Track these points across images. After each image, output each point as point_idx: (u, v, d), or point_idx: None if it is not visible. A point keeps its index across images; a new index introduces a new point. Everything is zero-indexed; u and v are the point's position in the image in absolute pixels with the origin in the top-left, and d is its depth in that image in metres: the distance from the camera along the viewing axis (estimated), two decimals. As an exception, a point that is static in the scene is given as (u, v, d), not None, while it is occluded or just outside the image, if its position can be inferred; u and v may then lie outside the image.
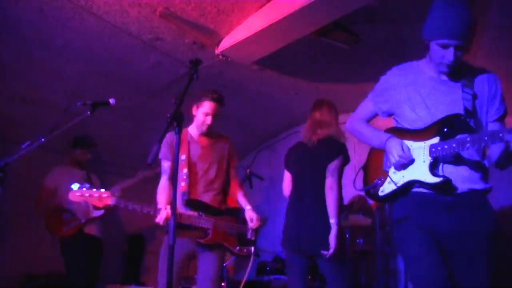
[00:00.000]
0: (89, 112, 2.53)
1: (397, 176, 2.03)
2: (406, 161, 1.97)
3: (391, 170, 2.06)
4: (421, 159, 1.96)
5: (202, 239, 2.86)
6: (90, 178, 4.33)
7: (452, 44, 1.86)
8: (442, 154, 1.89)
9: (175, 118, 2.08)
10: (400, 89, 2.10)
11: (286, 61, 4.00)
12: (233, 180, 3.20)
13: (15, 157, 2.37)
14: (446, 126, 1.92)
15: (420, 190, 1.97)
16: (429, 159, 1.94)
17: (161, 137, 2.04)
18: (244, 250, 3.03)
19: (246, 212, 3.07)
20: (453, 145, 1.85)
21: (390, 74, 2.17)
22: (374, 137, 2.18)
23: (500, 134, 1.72)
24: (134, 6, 3.23)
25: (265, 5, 3.30)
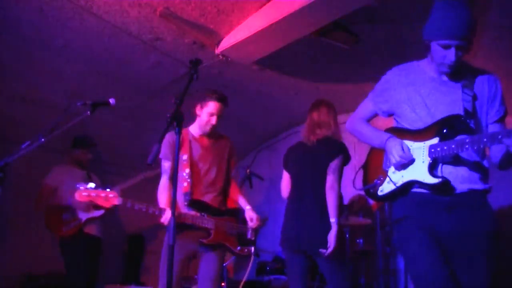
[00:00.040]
0: (89, 112, 2.53)
1: (396, 176, 2.03)
2: (406, 161, 1.97)
3: (391, 170, 2.06)
4: (420, 160, 1.96)
5: (205, 239, 2.87)
6: (91, 178, 4.33)
7: (453, 44, 1.86)
8: (441, 154, 1.89)
9: (175, 118, 2.09)
10: (400, 89, 2.10)
11: (286, 61, 3.99)
12: (232, 180, 3.20)
13: (15, 157, 2.37)
14: (445, 126, 1.92)
15: (419, 190, 1.97)
16: (428, 160, 1.93)
17: (161, 137, 2.05)
18: (244, 250, 3.05)
19: (246, 212, 3.08)
20: (452, 146, 1.85)
21: (391, 74, 2.17)
22: (374, 137, 2.18)
23: (499, 136, 1.73)
24: (134, 6, 3.23)
25: (265, 5, 3.29)
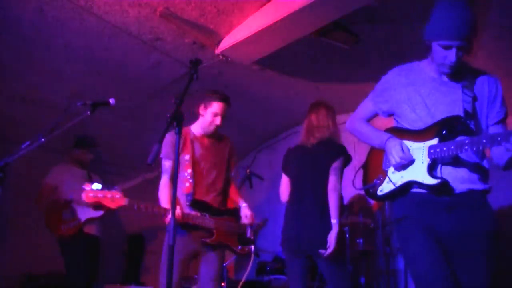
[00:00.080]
0: (89, 112, 2.53)
1: (396, 176, 2.03)
2: (406, 162, 1.97)
3: (390, 170, 2.06)
4: (420, 160, 1.96)
5: (208, 239, 2.88)
6: (92, 177, 4.33)
7: (454, 45, 1.86)
8: (440, 155, 1.89)
9: (175, 118, 2.09)
10: (400, 89, 2.10)
11: (286, 61, 3.99)
12: (232, 181, 3.21)
13: (15, 157, 2.37)
14: (445, 127, 1.92)
15: (418, 191, 1.97)
16: (427, 160, 1.93)
17: (161, 137, 2.05)
18: (245, 249, 3.09)
19: (241, 209, 3.10)
20: (451, 147, 1.85)
21: (391, 74, 2.17)
22: (374, 136, 2.18)
23: (498, 138, 1.72)
24: (134, 6, 3.23)
25: (265, 5, 3.29)
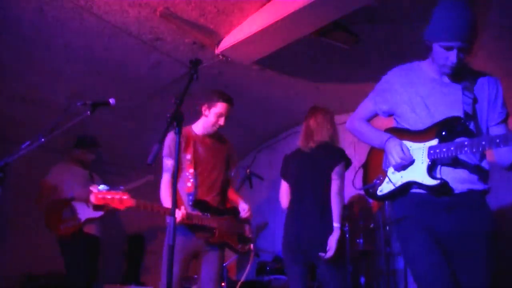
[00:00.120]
0: (89, 112, 2.53)
1: (395, 176, 2.03)
2: (406, 162, 1.97)
3: (390, 170, 2.06)
4: (419, 161, 1.96)
5: (210, 239, 2.89)
6: (93, 177, 4.33)
7: (455, 46, 1.86)
8: (440, 156, 1.89)
9: (175, 118, 2.10)
10: (400, 89, 2.10)
11: (286, 61, 3.99)
12: (230, 181, 3.23)
13: (15, 157, 2.37)
14: (445, 128, 1.92)
15: (418, 191, 1.97)
16: (427, 161, 1.94)
17: (161, 137, 2.05)
18: (245, 248, 3.11)
19: (240, 204, 3.13)
20: (451, 148, 1.85)
21: (391, 74, 2.17)
22: (374, 137, 2.18)
23: (497, 140, 1.72)
24: (134, 6, 3.23)
25: (265, 5, 3.29)
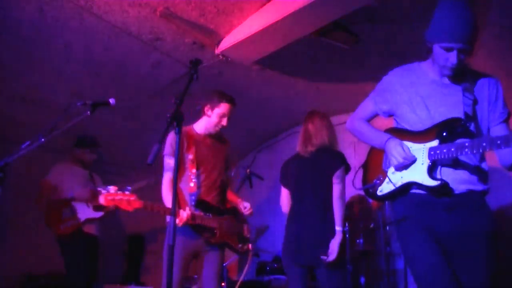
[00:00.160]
0: (89, 112, 2.53)
1: (396, 176, 2.03)
2: (408, 161, 1.97)
3: (390, 170, 2.06)
4: (420, 161, 1.96)
5: (212, 239, 2.90)
6: (93, 178, 4.32)
7: (456, 47, 1.86)
8: (440, 157, 1.89)
9: (175, 118, 2.10)
10: (400, 89, 2.10)
11: (286, 61, 3.99)
12: (229, 181, 3.25)
13: (15, 157, 2.37)
14: (446, 129, 1.92)
15: (418, 192, 1.98)
16: (427, 162, 1.94)
17: (161, 137, 2.05)
18: (244, 248, 3.13)
19: (239, 204, 3.14)
20: (452, 149, 1.86)
21: (392, 75, 2.17)
22: (374, 137, 2.18)
23: (498, 142, 1.73)
24: (134, 6, 3.23)
25: (265, 5, 3.30)
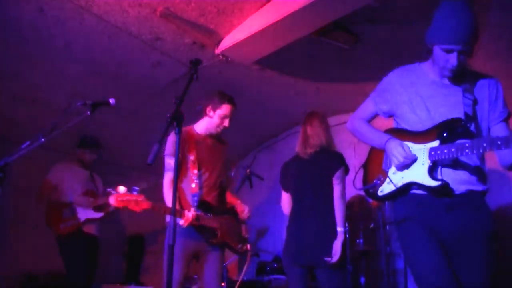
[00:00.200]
0: (89, 112, 2.53)
1: (396, 177, 2.03)
2: (409, 161, 1.97)
3: (391, 170, 2.06)
4: (420, 162, 1.97)
5: (213, 239, 2.92)
6: (94, 178, 4.32)
7: (456, 49, 1.86)
8: (441, 158, 1.90)
9: (175, 118, 2.10)
10: (400, 89, 2.10)
11: (286, 61, 3.99)
12: (229, 181, 3.26)
13: (15, 157, 2.37)
14: (446, 130, 1.92)
15: (418, 192, 1.98)
16: (428, 162, 1.94)
17: (161, 137, 2.05)
18: (243, 248, 3.14)
19: (237, 206, 3.15)
20: (452, 149, 1.86)
21: (392, 75, 2.17)
22: (374, 137, 2.18)
23: (498, 142, 1.73)
24: (134, 6, 3.23)
25: (265, 5, 3.30)
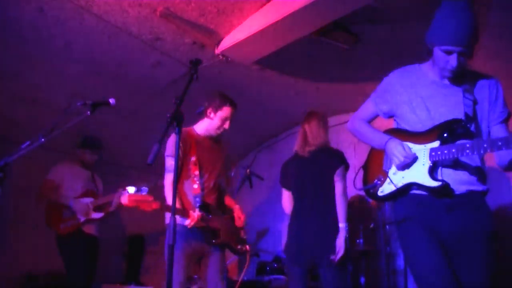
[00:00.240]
0: (89, 112, 2.53)
1: (397, 177, 2.03)
2: (410, 160, 1.98)
3: (391, 171, 2.06)
4: (421, 162, 1.97)
5: (215, 240, 2.93)
6: (94, 178, 4.32)
7: (455, 50, 1.87)
8: (441, 158, 1.90)
9: (175, 118, 2.10)
10: (401, 89, 2.10)
11: (286, 61, 3.99)
12: (229, 182, 3.27)
13: (15, 157, 2.37)
14: (446, 130, 1.93)
15: (418, 192, 1.98)
16: (428, 163, 1.94)
17: (161, 137, 2.05)
18: (243, 248, 3.15)
19: (235, 210, 3.16)
20: (452, 150, 1.86)
21: (392, 76, 2.17)
22: (375, 138, 2.18)
23: (499, 143, 1.74)
24: (134, 6, 3.23)
25: (265, 5, 3.30)
